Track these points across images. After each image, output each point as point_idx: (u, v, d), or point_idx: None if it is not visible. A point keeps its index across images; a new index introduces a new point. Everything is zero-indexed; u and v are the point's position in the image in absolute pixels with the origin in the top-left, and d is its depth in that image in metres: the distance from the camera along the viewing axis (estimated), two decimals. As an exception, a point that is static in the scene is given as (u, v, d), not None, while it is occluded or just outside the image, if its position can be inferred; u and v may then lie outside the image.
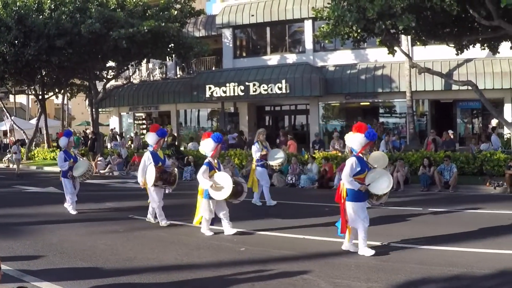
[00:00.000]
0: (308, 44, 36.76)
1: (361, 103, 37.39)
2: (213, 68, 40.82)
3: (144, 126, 46.44)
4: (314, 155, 25.66)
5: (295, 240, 12.57)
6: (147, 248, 11.94)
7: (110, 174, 31.72)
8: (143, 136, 42.06)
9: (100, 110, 43.17)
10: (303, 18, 35.97)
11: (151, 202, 14.65)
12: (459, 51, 26.26)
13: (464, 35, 25.05)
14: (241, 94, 35.45)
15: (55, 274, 9.83)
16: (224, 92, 35.76)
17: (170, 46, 35.70)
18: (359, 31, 23.39)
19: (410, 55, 29.31)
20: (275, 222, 14.76)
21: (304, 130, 39.49)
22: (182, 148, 35.50)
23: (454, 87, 30.00)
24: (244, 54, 40.25)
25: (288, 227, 13.81)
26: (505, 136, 28.82)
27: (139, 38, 31.77)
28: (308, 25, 36.37)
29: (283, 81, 34.23)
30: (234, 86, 35.43)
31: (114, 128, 45.83)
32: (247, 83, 35.10)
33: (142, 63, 41.06)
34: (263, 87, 34.58)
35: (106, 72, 40.27)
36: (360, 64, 34.83)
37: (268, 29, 38.50)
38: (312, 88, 34.22)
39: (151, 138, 14.82)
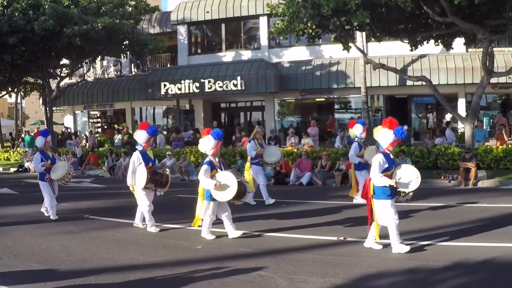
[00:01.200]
0: (263, 40, 36.78)
1: (317, 99, 37.58)
2: (168, 65, 40.45)
3: (99, 125, 46.05)
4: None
5: (252, 237, 12.51)
6: (103, 248, 11.76)
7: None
8: (98, 134, 41.73)
9: (54, 108, 42.49)
10: (258, 14, 35.96)
11: (140, 206, 13.69)
12: (413, 47, 26.48)
13: (418, 31, 25.28)
14: (196, 91, 35.27)
15: (10, 277, 9.62)
16: (179, 89, 35.57)
17: (124, 43, 35.25)
18: (314, 27, 23.40)
19: (365, 51, 29.53)
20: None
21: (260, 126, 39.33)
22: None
23: (409, 82, 30.23)
24: (199, 51, 40.01)
25: (244, 224, 13.64)
26: (459, 130, 29.20)
27: (93, 35, 31.29)
28: (263, 22, 36.34)
29: (238, 78, 34.20)
30: (189, 83, 35.26)
31: (69, 128, 45.21)
32: (202, 80, 34.94)
33: (96, 60, 40.47)
34: (218, 84, 34.47)
35: (60, 70, 39.48)
36: (315, 60, 34.94)
37: (223, 25, 38.35)
38: (267, 84, 34.25)
39: (140, 136, 13.78)
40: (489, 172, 22.27)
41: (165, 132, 37.70)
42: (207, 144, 12.31)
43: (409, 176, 10.74)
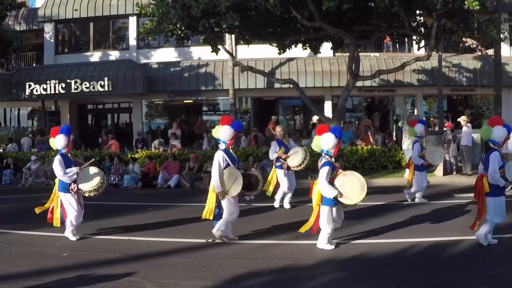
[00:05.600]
0: (132, 40, 36.17)
1: (185, 101, 37.38)
2: (34, 65, 39.02)
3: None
4: (134, 156, 25.14)
5: (120, 241, 12.26)
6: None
7: None
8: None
9: None
10: (128, 14, 35.33)
11: (226, 215, 11.79)
12: (281, 51, 26.88)
13: (287, 35, 25.66)
14: (62, 91, 34.04)
15: None
16: (45, 89, 34.20)
17: (-13, 40, 33.77)
18: (183, 28, 23.25)
19: (234, 54, 29.66)
20: (98, 224, 14.02)
21: (128, 128, 38.79)
22: (1, 150, 33.61)
23: (276, 85, 30.70)
24: (66, 50, 38.65)
25: (112, 229, 13.39)
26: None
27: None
28: (132, 22, 35.73)
29: (106, 79, 33.37)
30: (55, 83, 33.98)
31: None
32: (68, 80, 33.80)
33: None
34: (85, 84, 33.44)
35: None
36: (184, 62, 34.77)
37: (91, 24, 37.34)
38: (135, 85, 33.70)
39: (225, 133, 11.87)
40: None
41: (30, 135, 36.30)
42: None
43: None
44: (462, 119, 23.89)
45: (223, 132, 11.75)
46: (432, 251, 10.85)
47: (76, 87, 33.55)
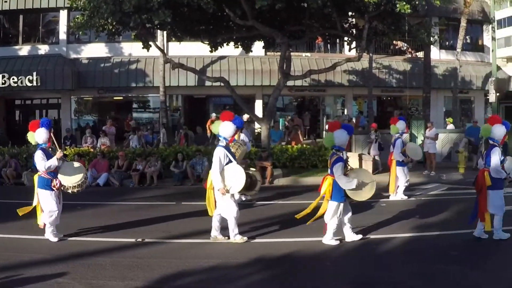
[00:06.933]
0: (62, 35, 35.45)
1: (115, 98, 36.94)
2: (-42, 58, 37.95)
3: None
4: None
5: (49, 241, 11.92)
6: None
7: None
8: None
9: None
10: (59, 7, 34.64)
11: (225, 213, 11.52)
12: (213, 49, 26.76)
13: (219, 33, 25.58)
14: (-11, 86, 33.21)
15: None
16: (-30, 84, 33.32)
17: None
18: (114, 24, 22.92)
19: (165, 51, 29.43)
20: (25, 224, 13.32)
21: (56, 125, 37.99)
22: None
23: (208, 83, 30.68)
24: (-7, 43, 37.85)
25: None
26: (256, 130, 29.86)
27: None
28: (63, 15, 35.06)
29: (34, 73, 32.61)
30: (-19, 77, 33.15)
31: None
32: (-5, 75, 33.02)
33: None
34: (13, 79, 32.58)
35: None
36: (115, 58, 34.38)
37: (21, 17, 36.42)
38: (64, 81, 33.06)
39: (226, 129, 11.58)
40: (284, 170, 23.20)
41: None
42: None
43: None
44: None
45: (225, 128, 11.56)
46: (364, 248, 11.03)
47: (3, 81, 32.66)
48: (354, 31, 25.60)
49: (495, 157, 11.32)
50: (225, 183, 11.16)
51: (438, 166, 23.84)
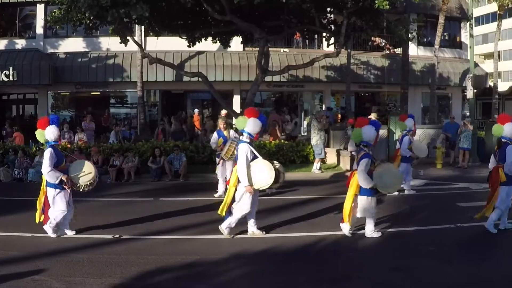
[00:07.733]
0: (39, 29, 35.01)
1: (92, 93, 36.57)
2: None
3: None
4: (42, 148, 24.48)
5: (24, 238, 11.74)
6: None
7: None
8: None
9: None
10: (36, 1, 34.30)
11: (236, 206, 11.45)
12: (191, 44, 26.70)
13: (197, 28, 25.54)
14: (-36, 80, 32.84)
15: None
16: None
17: None
18: (91, 18, 22.78)
19: (143, 46, 29.32)
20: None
21: (33, 121, 37.62)
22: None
23: (185, 78, 30.62)
24: (-32, 37, 37.40)
25: (15, 226, 12.80)
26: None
27: None
28: (40, 9, 34.62)
29: (11, 68, 32.24)
30: (-44, 73, 32.75)
31: None
32: (-30, 70, 32.62)
33: None
34: (-11, 73, 32.35)
35: None
36: (92, 53, 34.07)
37: (-3, 11, 36.14)
38: (41, 76, 32.66)
39: (252, 125, 11.52)
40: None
41: None
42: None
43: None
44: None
45: (251, 125, 11.49)
46: (340, 244, 11.08)
47: (-22, 76, 32.33)
48: (333, 27, 25.69)
49: (510, 155, 11.56)
50: (253, 181, 11.13)
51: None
